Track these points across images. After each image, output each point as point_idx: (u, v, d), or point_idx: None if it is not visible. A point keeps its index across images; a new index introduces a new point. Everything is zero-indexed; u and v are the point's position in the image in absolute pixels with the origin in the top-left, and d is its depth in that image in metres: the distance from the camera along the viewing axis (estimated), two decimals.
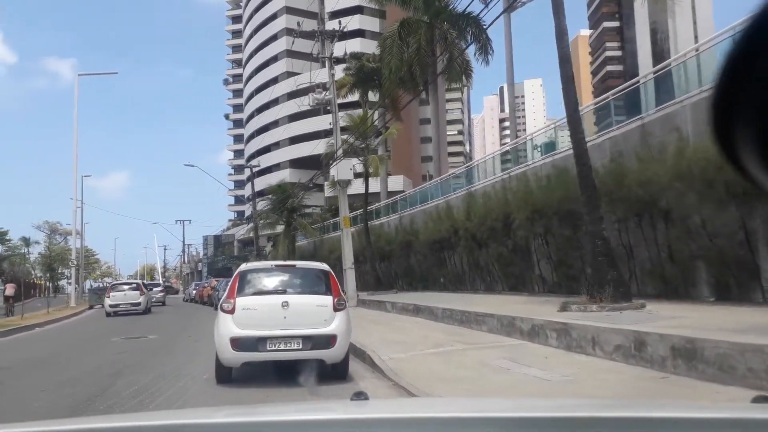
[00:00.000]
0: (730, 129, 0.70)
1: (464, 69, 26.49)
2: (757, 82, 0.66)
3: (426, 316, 14.11)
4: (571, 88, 10.30)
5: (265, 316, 7.11)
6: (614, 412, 1.44)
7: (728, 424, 1.25)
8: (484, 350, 8.72)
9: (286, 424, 1.44)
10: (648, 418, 1.32)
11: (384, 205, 31.82)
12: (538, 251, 15.70)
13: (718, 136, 0.72)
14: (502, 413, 1.53)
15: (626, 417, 1.35)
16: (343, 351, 7.26)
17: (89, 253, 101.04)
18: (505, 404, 2.21)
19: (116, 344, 12.56)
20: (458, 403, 2.64)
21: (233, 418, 1.64)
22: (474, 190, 19.49)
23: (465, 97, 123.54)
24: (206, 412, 2.66)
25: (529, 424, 1.34)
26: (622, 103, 14.11)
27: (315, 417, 1.60)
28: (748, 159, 0.71)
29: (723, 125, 0.71)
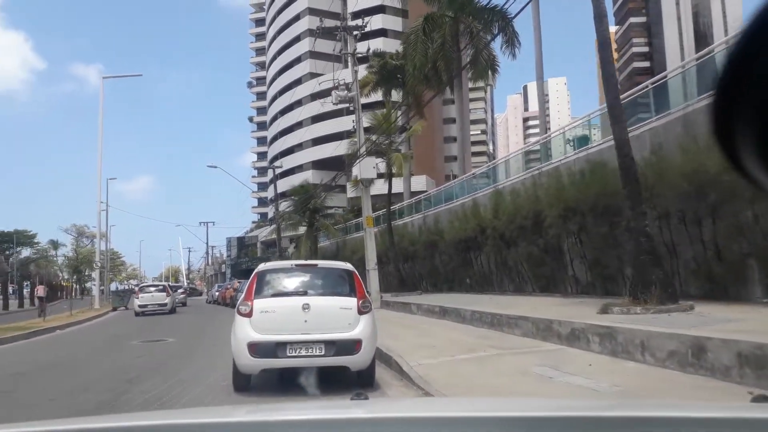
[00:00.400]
0: (731, 129, 0.71)
1: (490, 63, 25.78)
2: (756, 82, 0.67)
3: (453, 319, 13.50)
4: (611, 74, 9.64)
5: (284, 320, 6.60)
6: (614, 412, 1.43)
7: (728, 424, 1.24)
8: (521, 356, 8.10)
9: (286, 424, 1.43)
10: (648, 417, 1.32)
11: (407, 204, 31.24)
12: (571, 250, 14.97)
13: (719, 137, 0.72)
14: (502, 413, 1.50)
15: (626, 417, 1.34)
16: (369, 357, 6.71)
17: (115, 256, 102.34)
18: (505, 404, 2.19)
19: (135, 348, 12.21)
20: (458, 403, 2.65)
21: (233, 418, 1.63)
22: (502, 188, 18.79)
23: (488, 96, 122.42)
24: (206, 411, 2.69)
25: (529, 424, 1.33)
26: (662, 92, 13.32)
27: (315, 417, 1.57)
28: (748, 159, 0.71)
29: (724, 126, 0.71)
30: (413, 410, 1.73)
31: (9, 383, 8.02)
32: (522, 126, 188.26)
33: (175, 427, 1.40)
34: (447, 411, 1.65)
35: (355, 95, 20.95)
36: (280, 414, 1.71)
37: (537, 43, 20.44)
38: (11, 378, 8.50)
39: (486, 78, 26.36)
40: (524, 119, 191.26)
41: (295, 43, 73.18)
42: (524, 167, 19.07)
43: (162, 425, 1.44)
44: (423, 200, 28.64)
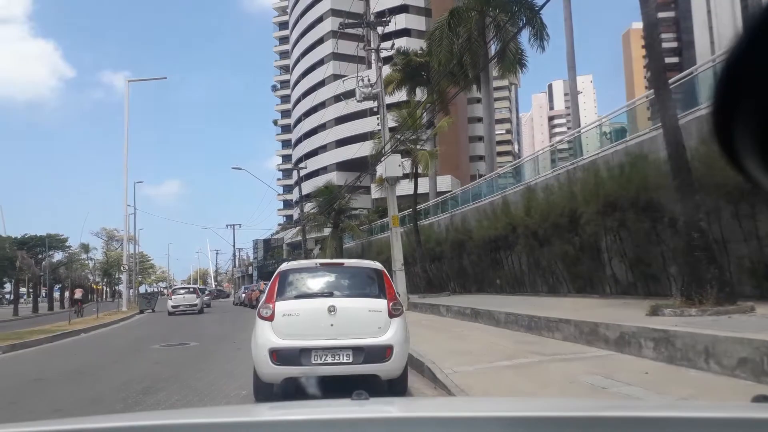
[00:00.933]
0: (731, 129, 0.72)
1: (518, 58, 24.99)
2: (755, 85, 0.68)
3: (486, 321, 12.83)
4: (659, 56, 8.88)
5: (308, 324, 6.04)
6: (614, 412, 1.42)
7: (728, 424, 1.24)
8: (567, 363, 7.41)
9: (287, 424, 1.44)
10: (648, 418, 1.32)
11: (433, 204, 30.57)
12: (609, 248, 14.16)
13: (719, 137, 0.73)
14: (502, 413, 1.48)
15: (626, 417, 1.32)
16: (401, 365, 6.11)
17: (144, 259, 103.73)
18: (505, 404, 2.19)
19: (155, 353, 11.81)
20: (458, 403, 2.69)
21: (233, 418, 1.62)
22: (534, 184, 18.02)
23: (513, 95, 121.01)
24: (206, 411, 2.69)
25: (529, 424, 1.32)
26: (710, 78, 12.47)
27: (315, 417, 1.56)
28: (748, 159, 0.72)
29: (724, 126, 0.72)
30: (413, 410, 1.72)
31: (19, 392, 7.64)
32: (547, 125, 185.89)
33: (175, 427, 1.39)
34: (447, 411, 1.61)
35: (380, 92, 20.39)
36: (281, 414, 1.69)
37: (568, 32, 19.64)
38: (24, 386, 8.13)
39: (514, 72, 25.57)
40: (549, 118, 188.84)
41: (318, 45, 73.17)
42: (558, 162, 18.26)
43: (162, 425, 1.43)
44: (449, 199, 27.95)
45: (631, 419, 1.31)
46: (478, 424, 1.34)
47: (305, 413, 1.68)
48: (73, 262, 69.40)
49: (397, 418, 1.47)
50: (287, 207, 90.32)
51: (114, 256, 78.19)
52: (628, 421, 1.29)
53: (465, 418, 1.42)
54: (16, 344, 13.55)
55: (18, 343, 13.60)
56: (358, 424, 1.38)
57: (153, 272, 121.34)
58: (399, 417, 1.48)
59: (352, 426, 1.37)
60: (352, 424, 1.38)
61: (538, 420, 1.36)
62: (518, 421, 1.35)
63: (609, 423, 1.28)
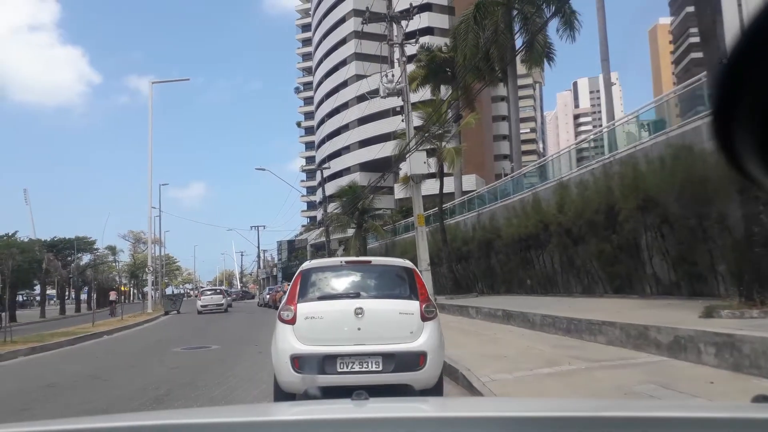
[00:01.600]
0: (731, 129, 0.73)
1: (545, 51, 24.18)
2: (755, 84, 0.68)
3: (520, 324, 12.16)
4: (710, 31, 8.14)
5: (333, 328, 5.50)
6: (614, 412, 1.42)
7: (728, 424, 1.24)
8: (616, 370, 6.74)
9: (287, 424, 1.44)
10: (648, 418, 1.31)
11: (459, 202, 29.86)
12: (650, 246, 13.37)
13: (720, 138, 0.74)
14: (503, 413, 1.48)
15: (626, 417, 1.32)
16: (436, 373, 5.52)
17: (170, 261, 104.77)
18: (506, 404, 2.14)
19: (175, 356, 11.40)
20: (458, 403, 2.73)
21: (234, 418, 1.59)
22: (567, 180, 17.24)
23: (537, 93, 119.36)
24: (207, 411, 2.68)
25: (529, 424, 1.32)
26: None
27: (315, 417, 1.56)
28: (748, 159, 0.73)
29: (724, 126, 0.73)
30: (413, 410, 1.72)
31: (31, 397, 7.25)
32: (573, 123, 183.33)
33: (175, 427, 1.39)
34: (447, 411, 1.61)
35: (404, 87, 19.81)
36: (281, 414, 1.71)
37: (601, 21, 18.82)
38: (37, 391, 7.75)
39: (541, 66, 24.76)
40: (575, 116, 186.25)
41: (341, 46, 73.01)
42: (593, 156, 17.45)
43: (162, 425, 1.42)
44: (476, 198, 27.22)
45: (631, 419, 1.30)
46: (479, 425, 1.34)
47: (305, 413, 1.66)
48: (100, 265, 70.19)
49: (397, 418, 1.45)
50: (311, 208, 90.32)
51: (141, 258, 79.00)
52: (628, 421, 1.29)
53: (466, 418, 1.42)
54: (37, 347, 13.30)
55: (38, 346, 13.35)
56: (358, 424, 1.38)
57: (179, 274, 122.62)
58: (399, 417, 1.46)
59: (352, 426, 1.37)
60: (351, 424, 1.38)
61: (539, 420, 1.36)
62: (518, 421, 1.34)
63: (609, 423, 1.27)
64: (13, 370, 10.75)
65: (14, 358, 12.19)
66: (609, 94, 19.16)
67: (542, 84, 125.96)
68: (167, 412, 3.70)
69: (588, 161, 17.53)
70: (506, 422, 1.33)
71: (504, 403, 2.21)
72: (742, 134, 0.72)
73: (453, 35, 25.73)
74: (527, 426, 1.31)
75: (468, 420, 1.39)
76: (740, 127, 0.72)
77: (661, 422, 1.27)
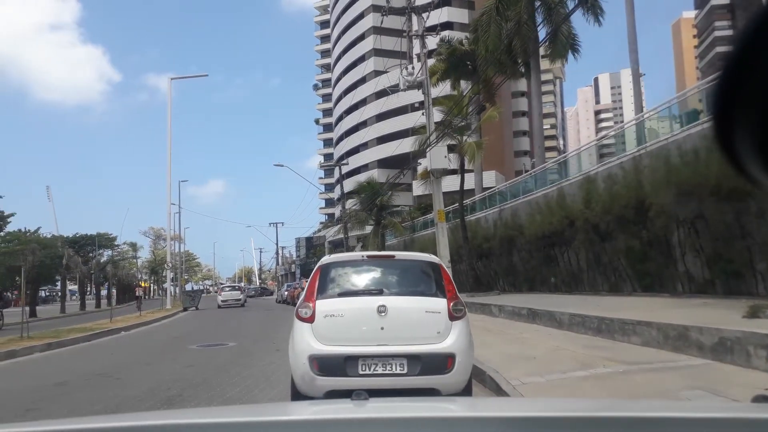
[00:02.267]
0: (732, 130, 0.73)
1: (570, 41, 23.52)
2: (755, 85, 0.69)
3: (546, 323, 11.69)
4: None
5: (355, 326, 5.12)
6: (614, 412, 1.42)
7: (728, 424, 1.23)
8: (656, 374, 6.28)
9: (287, 424, 1.43)
10: (648, 418, 1.30)
11: (480, 198, 29.32)
12: (683, 242, 12.80)
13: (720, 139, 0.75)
14: (502, 413, 1.48)
15: (626, 417, 1.32)
16: (465, 377, 5.12)
17: (190, 257, 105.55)
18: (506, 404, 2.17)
19: (190, 354, 11.13)
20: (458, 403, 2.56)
21: (233, 418, 1.58)
22: (595, 174, 16.67)
23: (557, 89, 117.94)
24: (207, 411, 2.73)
25: (529, 424, 1.31)
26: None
27: (315, 417, 1.56)
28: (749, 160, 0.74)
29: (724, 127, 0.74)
30: (413, 410, 1.70)
31: (39, 397, 6.99)
32: (594, 119, 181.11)
33: (175, 427, 1.38)
34: (447, 411, 1.60)
35: (425, 80, 19.36)
36: (281, 414, 1.68)
37: (629, 9, 18.14)
38: (46, 390, 7.50)
39: (565, 57, 24.10)
40: (596, 112, 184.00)
41: (359, 42, 72.75)
42: (623, 149, 16.83)
43: (162, 425, 1.41)
44: (497, 194, 26.68)
45: (631, 419, 1.29)
46: (479, 425, 1.33)
47: (306, 413, 1.65)
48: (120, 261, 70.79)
49: (398, 418, 1.43)
50: (329, 205, 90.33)
51: (161, 254, 79.56)
52: (628, 421, 1.28)
53: (466, 418, 1.42)
54: (53, 343, 13.14)
55: (54, 342, 13.20)
56: (358, 424, 1.37)
57: (199, 270, 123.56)
58: (399, 417, 1.45)
59: (352, 426, 1.36)
60: (352, 424, 1.37)
61: (538, 420, 1.35)
62: (518, 421, 1.33)
63: (609, 423, 1.26)
64: (27, 367, 10.57)
65: (30, 354, 12.04)
66: (637, 85, 18.50)
67: (563, 80, 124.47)
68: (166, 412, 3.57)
69: (616, 155, 16.93)
70: (505, 422, 1.32)
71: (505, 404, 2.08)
72: (742, 135, 0.73)
73: (474, 27, 25.23)
74: (527, 426, 1.30)
75: (468, 420, 1.38)
76: (740, 128, 0.72)
77: (661, 422, 1.26)
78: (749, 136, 0.73)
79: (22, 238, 41.42)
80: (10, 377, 9.40)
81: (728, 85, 0.71)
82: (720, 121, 0.74)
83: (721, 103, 0.73)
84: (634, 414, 1.37)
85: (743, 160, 0.75)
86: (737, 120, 0.73)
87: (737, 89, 0.70)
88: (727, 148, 0.75)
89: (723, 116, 0.74)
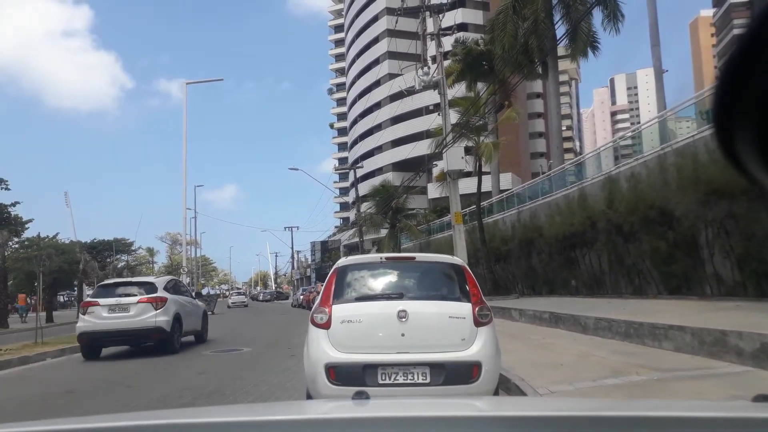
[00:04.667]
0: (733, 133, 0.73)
1: (590, 39, 23.06)
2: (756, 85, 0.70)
3: (569, 328, 11.29)
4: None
5: (374, 333, 4.82)
6: (614, 412, 1.41)
7: (728, 424, 1.22)
8: (696, 382, 5.88)
9: (287, 424, 1.40)
10: (648, 417, 1.30)
11: (497, 200, 28.89)
12: (712, 243, 12.32)
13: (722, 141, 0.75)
14: (503, 413, 1.48)
15: (626, 417, 1.31)
16: (491, 387, 4.79)
17: (206, 262, 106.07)
18: (505, 404, 2.12)
19: (204, 359, 10.89)
20: (458, 403, 2.37)
21: (233, 417, 1.56)
22: (617, 173, 16.23)
23: (573, 90, 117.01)
24: (206, 411, 2.60)
25: (529, 424, 1.30)
26: None
27: (315, 417, 1.55)
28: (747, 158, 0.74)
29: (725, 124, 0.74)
30: (413, 410, 1.65)
31: (46, 406, 6.78)
32: (610, 120, 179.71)
33: (175, 427, 1.37)
34: (448, 411, 1.56)
35: (441, 79, 19.04)
36: (281, 413, 1.64)
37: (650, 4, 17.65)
38: (54, 398, 7.29)
39: (585, 56, 23.65)
40: (612, 113, 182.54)
41: (374, 45, 72.73)
42: (648, 146, 16.36)
43: (162, 425, 1.40)
44: (516, 195, 26.25)
45: (631, 419, 1.28)
46: (479, 424, 1.31)
47: (306, 413, 1.65)
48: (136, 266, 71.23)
49: (397, 418, 1.41)
50: (343, 209, 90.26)
51: (178, 259, 79.92)
52: (628, 421, 1.26)
53: (466, 417, 1.40)
54: (66, 349, 12.98)
55: (68, 348, 13.04)
56: (358, 425, 1.35)
57: (215, 275, 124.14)
58: (399, 417, 1.42)
59: (352, 426, 1.34)
60: (352, 425, 1.35)
61: (538, 420, 1.34)
62: (518, 421, 1.32)
63: (609, 423, 1.25)
64: (38, 373, 10.40)
65: (42, 360, 11.89)
66: (660, 81, 18.01)
67: (578, 81, 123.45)
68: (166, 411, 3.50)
69: (640, 153, 16.46)
70: (505, 422, 1.31)
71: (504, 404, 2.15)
72: (743, 136, 0.73)
73: (490, 26, 24.86)
74: (527, 426, 1.29)
75: (467, 420, 1.36)
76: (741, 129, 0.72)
77: (661, 422, 1.26)
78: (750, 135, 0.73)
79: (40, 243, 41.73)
80: (21, 384, 9.23)
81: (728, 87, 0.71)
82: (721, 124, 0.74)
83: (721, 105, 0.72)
84: (634, 414, 1.35)
85: (745, 162, 0.74)
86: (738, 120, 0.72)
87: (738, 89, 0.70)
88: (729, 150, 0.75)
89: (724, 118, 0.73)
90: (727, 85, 0.71)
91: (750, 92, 0.70)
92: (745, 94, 0.70)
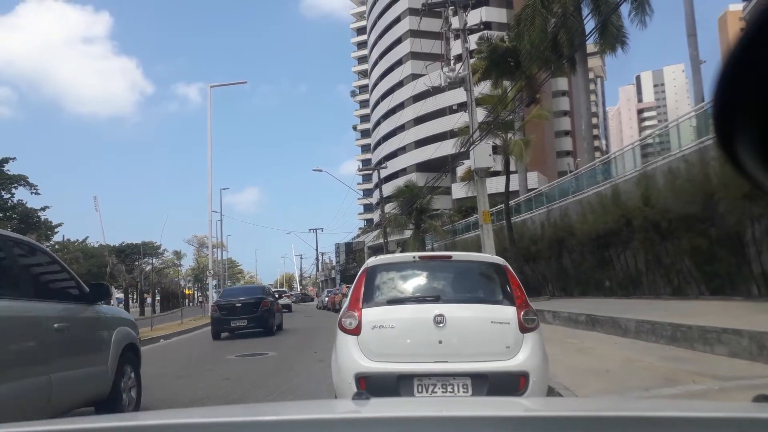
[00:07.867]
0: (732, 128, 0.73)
1: (620, 34, 22.35)
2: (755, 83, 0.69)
3: (609, 330, 10.74)
4: None
5: (408, 340, 4.41)
6: (614, 412, 1.41)
7: (728, 424, 1.22)
8: (760, 391, 5.35)
9: (287, 424, 1.39)
10: (648, 417, 1.29)
11: (525, 199, 28.28)
12: (758, 241, 11.66)
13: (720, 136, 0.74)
14: (502, 413, 1.47)
15: (626, 417, 1.29)
16: None
17: (232, 264, 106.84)
18: (506, 404, 2.15)
19: (228, 364, 10.60)
20: (458, 403, 2.53)
21: (233, 417, 1.56)
22: (654, 169, 15.57)
23: (598, 88, 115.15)
24: (206, 411, 2.63)
25: (529, 424, 1.31)
26: None
27: (315, 416, 1.50)
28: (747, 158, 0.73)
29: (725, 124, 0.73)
30: (413, 410, 1.69)
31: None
32: (636, 118, 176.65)
33: (175, 427, 1.37)
34: (447, 411, 1.52)
35: (467, 75, 18.56)
36: (281, 413, 1.64)
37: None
38: None
39: (614, 50, 22.93)
40: (639, 111, 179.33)
41: (396, 46, 72.49)
42: (686, 140, 15.69)
43: (162, 425, 1.41)
44: (544, 193, 25.60)
45: (631, 419, 1.27)
46: (479, 424, 1.31)
47: (306, 413, 1.62)
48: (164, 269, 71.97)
49: (397, 418, 1.40)
50: (367, 211, 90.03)
51: (204, 262, 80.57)
52: (628, 421, 1.25)
53: (466, 417, 1.39)
54: None
55: None
56: (358, 425, 1.36)
57: (242, 277, 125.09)
58: (399, 417, 1.41)
59: (352, 426, 1.34)
60: (352, 425, 1.35)
61: (538, 420, 1.34)
62: (518, 421, 1.32)
63: (609, 423, 1.25)
64: None
65: None
66: (697, 72, 17.28)
67: (604, 78, 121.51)
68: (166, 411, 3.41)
69: (679, 147, 15.78)
70: (505, 422, 1.30)
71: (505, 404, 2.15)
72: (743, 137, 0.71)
73: (517, 21, 24.28)
74: (527, 426, 1.28)
75: (467, 420, 1.35)
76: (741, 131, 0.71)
77: (661, 422, 1.25)
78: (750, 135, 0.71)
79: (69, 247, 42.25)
80: None
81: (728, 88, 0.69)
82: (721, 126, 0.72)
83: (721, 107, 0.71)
84: (634, 414, 1.34)
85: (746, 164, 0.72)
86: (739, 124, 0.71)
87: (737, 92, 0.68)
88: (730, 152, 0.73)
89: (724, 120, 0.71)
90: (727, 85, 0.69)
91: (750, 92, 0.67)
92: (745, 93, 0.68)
